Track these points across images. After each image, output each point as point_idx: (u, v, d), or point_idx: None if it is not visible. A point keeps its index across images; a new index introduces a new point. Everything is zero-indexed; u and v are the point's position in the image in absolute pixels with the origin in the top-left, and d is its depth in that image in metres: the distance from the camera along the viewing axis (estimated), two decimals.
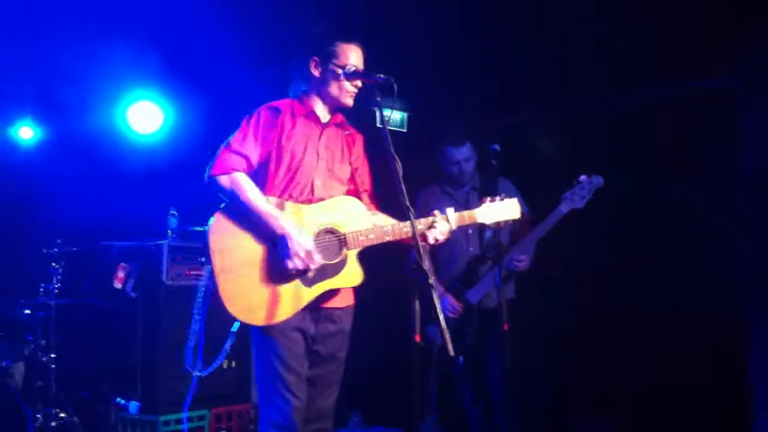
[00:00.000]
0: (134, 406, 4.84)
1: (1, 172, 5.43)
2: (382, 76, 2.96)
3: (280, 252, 2.95)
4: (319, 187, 3.17)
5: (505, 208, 3.32)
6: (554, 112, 5.75)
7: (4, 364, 4.69)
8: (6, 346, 4.73)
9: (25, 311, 4.79)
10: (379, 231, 3.09)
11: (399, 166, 2.82)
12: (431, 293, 2.64)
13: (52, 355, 4.82)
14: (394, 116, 5.89)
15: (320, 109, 3.25)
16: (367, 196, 3.37)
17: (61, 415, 4.75)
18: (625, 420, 5.18)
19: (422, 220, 3.13)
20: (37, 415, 4.64)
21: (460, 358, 4.30)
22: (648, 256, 5.11)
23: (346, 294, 3.22)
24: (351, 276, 3.11)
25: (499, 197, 3.32)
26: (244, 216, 3.00)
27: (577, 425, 5.40)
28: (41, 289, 4.87)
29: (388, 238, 3.09)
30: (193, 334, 2.99)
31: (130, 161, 5.51)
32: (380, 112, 2.92)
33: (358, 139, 3.39)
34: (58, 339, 4.87)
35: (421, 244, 2.84)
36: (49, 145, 5.71)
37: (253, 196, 3.00)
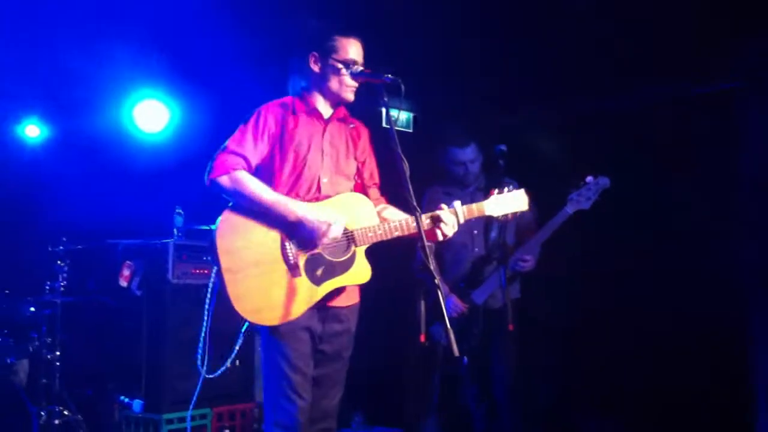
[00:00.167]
0: (138, 405, 4.84)
1: (8, 171, 5.45)
2: (389, 76, 2.93)
3: (306, 234, 2.94)
4: (326, 184, 3.15)
5: (514, 199, 3.26)
6: (557, 113, 5.75)
7: (8, 362, 4.70)
8: (11, 344, 4.73)
9: (30, 309, 4.80)
10: (387, 227, 3.08)
11: (406, 166, 2.81)
12: (437, 294, 2.63)
13: (57, 353, 4.83)
14: (401, 116, 5.88)
15: (322, 104, 3.22)
16: (377, 190, 3.35)
17: (64, 412, 4.76)
18: (627, 420, 5.18)
19: (429, 215, 3.08)
20: (41, 413, 4.65)
21: (465, 359, 4.29)
22: (650, 257, 5.11)
23: (352, 292, 3.20)
24: (359, 273, 3.10)
25: (507, 188, 3.25)
26: (250, 213, 2.97)
27: (581, 425, 5.39)
28: (47, 287, 4.88)
29: (397, 234, 3.08)
30: (202, 340, 2.97)
31: (136, 160, 5.53)
32: (387, 113, 2.91)
33: (363, 132, 3.36)
34: (63, 337, 4.88)
35: (428, 243, 2.81)
36: (55, 144, 5.72)
37: (258, 188, 2.97)
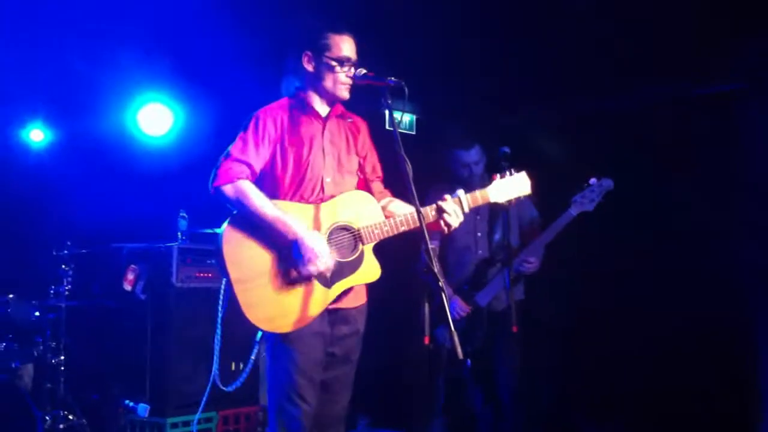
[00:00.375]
0: (143, 409, 4.83)
1: (12, 175, 5.45)
2: (392, 79, 2.93)
3: (295, 257, 2.93)
4: (329, 184, 3.13)
5: (516, 183, 3.22)
6: (559, 113, 5.75)
7: (13, 366, 4.70)
8: (15, 348, 4.73)
9: (35, 313, 4.81)
10: (393, 222, 3.07)
11: (409, 168, 2.81)
12: (441, 296, 2.63)
13: (62, 357, 4.83)
14: (404, 119, 5.89)
15: (318, 103, 3.21)
16: (380, 183, 3.34)
17: (69, 417, 4.76)
18: (629, 421, 5.17)
19: (433, 206, 3.06)
20: (46, 417, 4.65)
21: (468, 361, 4.29)
22: (651, 257, 5.11)
23: (359, 292, 3.18)
24: (369, 271, 3.08)
25: (508, 172, 3.21)
26: (253, 224, 2.96)
27: (583, 427, 5.38)
28: (51, 291, 4.88)
29: (404, 228, 3.06)
30: (217, 352, 2.97)
31: (141, 163, 5.53)
32: (390, 115, 2.91)
33: (362, 126, 3.35)
34: (68, 341, 4.88)
35: (432, 245, 2.79)
36: (59, 148, 5.72)
37: (260, 203, 2.96)
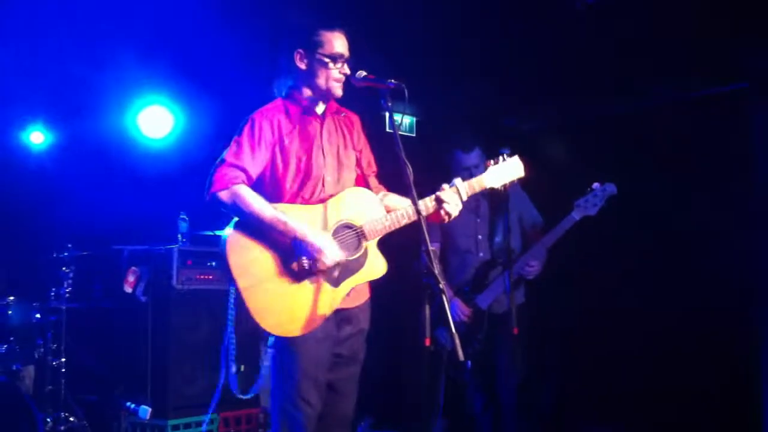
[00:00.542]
0: (144, 411, 4.83)
1: (13, 177, 5.45)
2: (393, 81, 2.93)
3: (301, 255, 2.92)
4: (330, 182, 3.13)
5: (510, 167, 3.28)
6: (560, 115, 5.76)
7: (14, 368, 4.70)
8: (16, 350, 4.73)
9: (36, 315, 4.81)
10: (395, 217, 3.08)
11: (410, 170, 2.82)
12: (442, 298, 2.64)
13: (63, 360, 4.82)
14: (404, 121, 5.90)
15: (312, 101, 3.19)
16: (375, 177, 3.34)
17: (70, 419, 4.75)
18: (631, 422, 5.18)
19: (432, 196, 3.09)
20: (47, 419, 4.64)
21: (469, 363, 4.29)
22: (653, 258, 5.13)
23: (362, 290, 3.18)
24: (375, 267, 3.09)
25: (501, 158, 3.27)
26: (255, 229, 2.94)
27: (584, 428, 5.39)
28: (52, 294, 4.88)
29: (405, 221, 3.08)
30: (232, 356, 2.98)
31: (141, 166, 5.53)
32: (391, 118, 2.91)
33: (355, 121, 3.34)
34: (69, 343, 4.89)
35: (432, 245, 2.80)
36: (59, 150, 5.73)
37: (258, 206, 2.94)
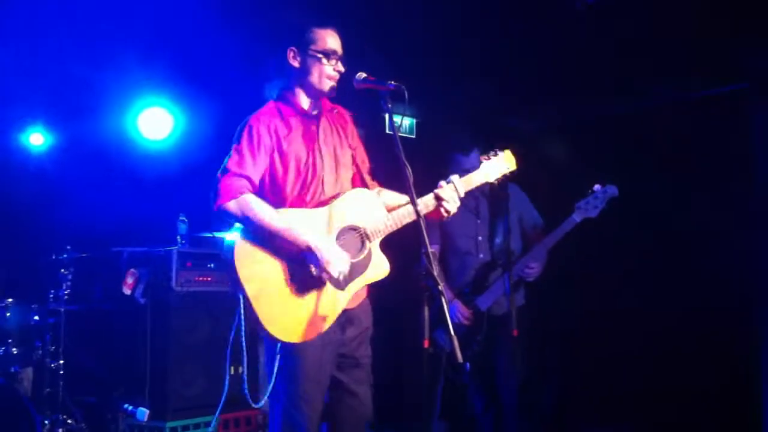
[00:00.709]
0: (142, 413, 4.83)
1: (12, 178, 5.45)
2: (393, 83, 2.92)
3: (310, 263, 2.91)
4: (329, 183, 3.13)
5: (503, 161, 3.38)
6: (560, 116, 5.76)
7: (12, 370, 4.70)
8: (15, 353, 4.72)
9: (35, 317, 4.81)
10: (396, 216, 3.09)
11: (409, 172, 2.82)
12: (441, 300, 2.64)
13: (61, 362, 4.82)
14: (404, 122, 5.90)
15: (306, 102, 3.18)
16: (368, 174, 3.33)
17: (69, 421, 4.75)
18: (631, 423, 5.18)
19: (431, 194, 3.12)
20: (45, 422, 4.64)
21: (468, 365, 4.29)
22: (653, 258, 5.13)
23: (360, 290, 3.16)
24: (379, 268, 3.10)
25: (493, 153, 3.36)
26: (263, 237, 2.93)
27: (585, 429, 5.39)
28: (51, 296, 4.88)
29: (406, 221, 3.09)
30: (245, 366, 2.97)
31: (140, 167, 5.54)
32: (390, 119, 2.91)
33: (348, 117, 3.34)
34: (67, 345, 4.88)
35: (430, 247, 2.80)
36: (59, 152, 5.73)
37: (267, 216, 2.92)
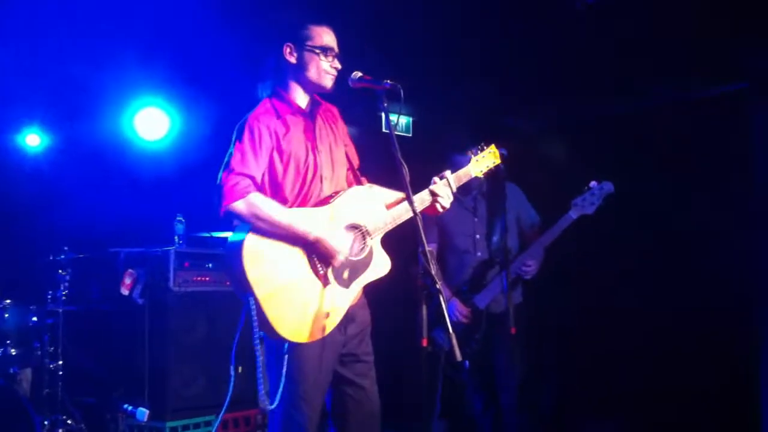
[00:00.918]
0: (141, 413, 4.82)
1: (8, 179, 5.45)
2: (389, 82, 2.92)
3: (319, 257, 2.93)
4: (327, 180, 3.13)
5: (489, 155, 3.48)
6: (559, 115, 5.75)
7: (11, 372, 4.69)
8: (13, 354, 4.72)
9: (33, 318, 4.80)
10: (395, 213, 3.11)
11: (406, 170, 2.82)
12: (439, 298, 2.63)
13: (60, 362, 4.82)
14: (400, 121, 5.89)
15: (301, 98, 3.17)
16: (358, 171, 3.34)
17: (68, 422, 4.75)
18: (631, 422, 5.17)
19: (426, 190, 3.16)
20: (45, 422, 4.64)
21: (467, 362, 4.29)
22: (652, 258, 5.12)
23: None
24: (381, 265, 3.11)
25: (479, 149, 3.47)
26: (271, 236, 2.91)
27: (585, 428, 5.38)
28: (49, 297, 4.88)
29: (404, 218, 3.11)
30: (259, 370, 2.95)
31: (137, 168, 5.53)
32: (387, 118, 2.91)
33: (337, 113, 3.34)
34: (66, 346, 4.88)
35: (428, 247, 2.81)
36: (56, 153, 5.72)
37: (275, 211, 2.92)
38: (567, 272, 5.15)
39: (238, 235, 2.90)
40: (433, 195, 3.16)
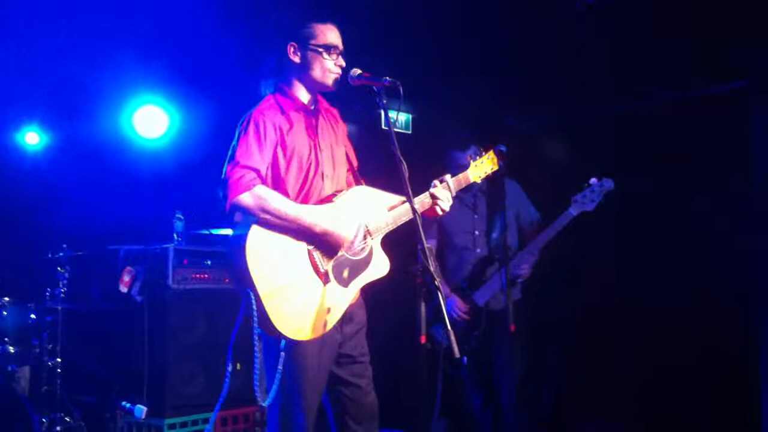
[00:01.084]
0: (139, 410, 4.82)
1: (8, 177, 5.45)
2: (388, 78, 2.92)
3: (327, 247, 2.95)
4: (329, 178, 3.13)
5: (488, 161, 3.51)
6: (559, 113, 5.75)
7: (10, 369, 4.69)
8: (12, 351, 4.72)
9: (31, 316, 4.80)
10: (396, 214, 3.12)
11: (405, 168, 2.81)
12: (438, 295, 2.63)
13: (58, 360, 4.82)
14: (400, 118, 5.88)
15: (305, 97, 3.17)
16: (356, 171, 3.35)
17: (66, 419, 4.76)
18: (630, 421, 5.17)
19: (427, 192, 3.18)
20: (43, 420, 4.64)
21: (465, 359, 4.29)
22: (653, 257, 5.11)
23: None
24: (380, 265, 3.12)
25: (478, 155, 3.51)
26: (276, 229, 2.91)
27: (584, 427, 5.38)
28: (47, 294, 4.88)
29: (405, 219, 3.13)
30: (256, 365, 2.95)
31: (136, 165, 5.53)
32: (386, 115, 2.91)
33: (337, 114, 3.35)
34: (65, 343, 4.87)
35: (428, 244, 2.82)
36: (55, 151, 5.73)
37: (282, 204, 2.91)
38: (567, 271, 5.15)
39: (242, 229, 2.89)
40: (433, 198, 3.18)
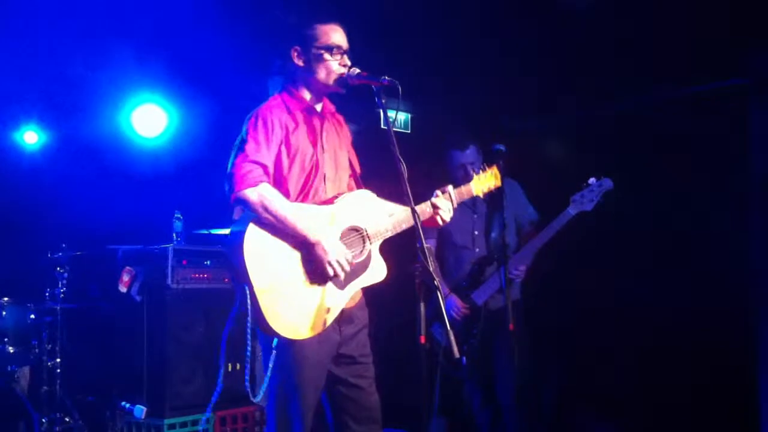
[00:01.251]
0: (139, 410, 4.82)
1: (6, 177, 5.45)
2: (387, 78, 2.91)
3: (315, 259, 2.92)
4: (330, 182, 3.13)
5: (491, 176, 3.56)
6: (559, 112, 5.74)
7: (9, 369, 4.69)
8: (12, 352, 4.72)
9: (31, 316, 4.79)
10: (396, 220, 3.11)
11: (404, 167, 2.81)
12: (437, 294, 2.63)
13: (58, 360, 4.83)
14: (399, 117, 5.88)
15: (311, 99, 3.17)
16: (359, 178, 3.35)
17: (66, 419, 4.76)
18: (630, 421, 5.16)
19: (428, 202, 3.19)
20: (43, 420, 4.64)
21: (464, 358, 4.28)
22: (653, 256, 5.11)
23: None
24: (377, 271, 3.11)
25: (481, 169, 3.56)
26: (275, 230, 2.91)
27: (584, 427, 5.37)
28: (47, 294, 4.88)
29: (404, 226, 3.12)
30: (248, 361, 2.95)
31: (135, 165, 5.53)
32: (385, 114, 2.90)
33: (342, 120, 3.35)
34: (64, 344, 4.87)
35: (426, 244, 2.82)
36: (53, 150, 5.72)
37: (283, 207, 2.90)
38: (566, 271, 5.14)
39: (240, 226, 2.89)
40: (435, 207, 3.19)
